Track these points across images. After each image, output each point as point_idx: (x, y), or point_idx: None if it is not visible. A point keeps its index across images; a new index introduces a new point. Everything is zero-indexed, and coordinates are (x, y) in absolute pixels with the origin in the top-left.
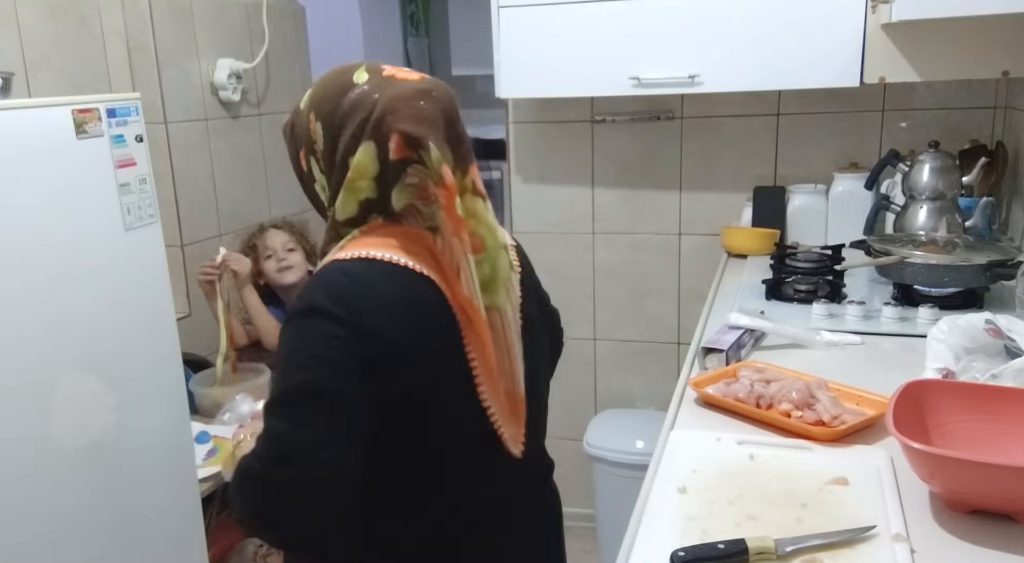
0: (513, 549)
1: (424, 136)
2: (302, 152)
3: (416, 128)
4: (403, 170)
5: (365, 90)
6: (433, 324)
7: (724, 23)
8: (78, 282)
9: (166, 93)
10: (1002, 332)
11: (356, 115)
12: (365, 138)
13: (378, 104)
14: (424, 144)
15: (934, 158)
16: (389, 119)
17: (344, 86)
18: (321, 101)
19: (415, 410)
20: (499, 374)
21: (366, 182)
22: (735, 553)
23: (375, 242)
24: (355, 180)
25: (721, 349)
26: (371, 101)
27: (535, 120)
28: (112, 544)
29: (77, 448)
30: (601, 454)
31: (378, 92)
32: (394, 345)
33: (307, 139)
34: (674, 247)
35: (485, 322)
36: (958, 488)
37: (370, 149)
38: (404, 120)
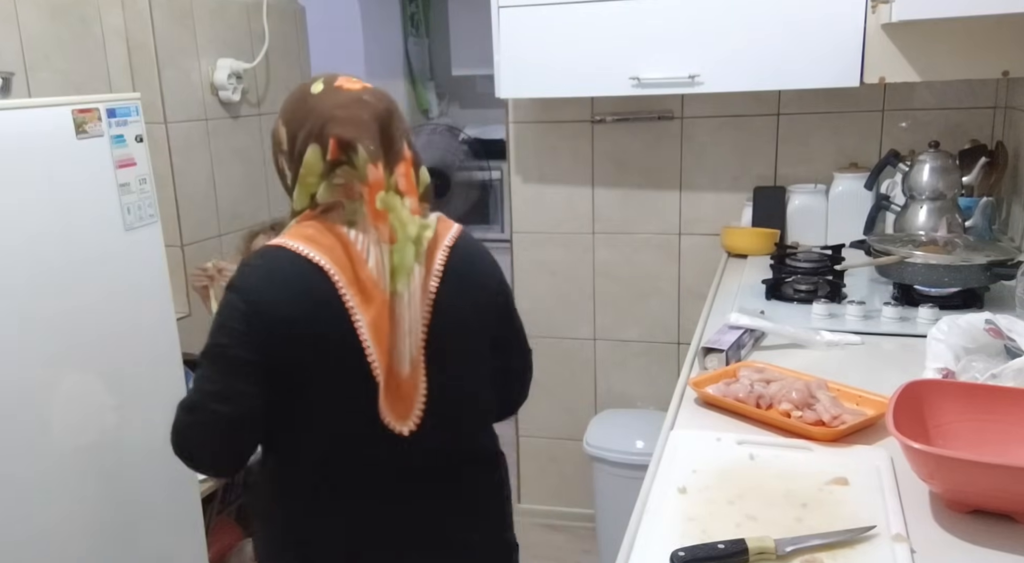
0: (397, 519)
1: (354, 140)
2: (275, 153)
3: (348, 132)
4: (334, 170)
5: (316, 98)
6: (321, 306)
7: (724, 23)
8: (78, 282)
9: (166, 93)
10: (1002, 332)
11: (308, 121)
12: (312, 141)
13: (323, 112)
14: (354, 147)
15: (934, 158)
16: (329, 125)
17: (303, 96)
18: (285, 110)
19: (303, 378)
20: (393, 355)
21: (314, 178)
22: (735, 553)
23: (295, 232)
24: (305, 176)
25: (721, 349)
26: (319, 109)
27: (535, 120)
28: (112, 544)
29: (77, 448)
30: (601, 454)
31: (325, 101)
32: (285, 321)
33: (278, 142)
34: (674, 247)
35: (387, 304)
36: (958, 488)
37: (316, 150)
38: (340, 125)
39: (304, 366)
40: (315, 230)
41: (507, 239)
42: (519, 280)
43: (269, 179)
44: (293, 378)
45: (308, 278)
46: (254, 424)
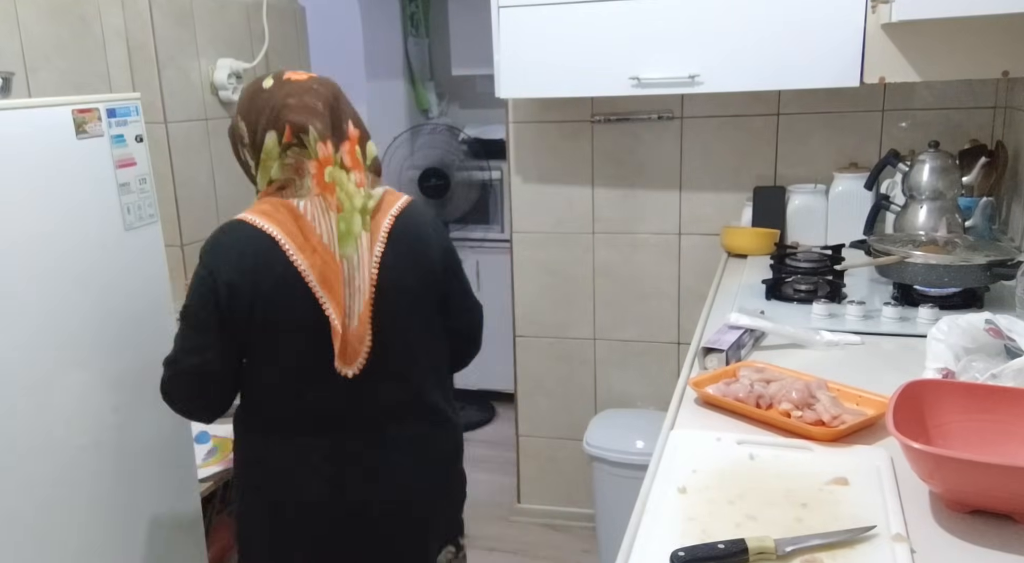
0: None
1: (305, 123)
2: (238, 146)
3: (300, 117)
4: (286, 152)
5: (269, 92)
6: (272, 269)
7: (724, 23)
8: (78, 282)
9: (166, 93)
10: (1002, 332)
11: (264, 112)
12: (269, 128)
13: (276, 102)
14: (305, 129)
15: (934, 158)
16: (283, 112)
17: (256, 91)
18: (241, 106)
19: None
20: (343, 310)
21: (272, 162)
22: (735, 553)
23: (253, 208)
24: (265, 161)
25: (721, 349)
26: (272, 101)
27: (535, 120)
28: (112, 544)
29: (77, 448)
30: (601, 454)
31: (276, 93)
32: (241, 285)
33: (238, 135)
34: (674, 247)
35: (339, 266)
36: (958, 488)
37: (273, 136)
38: (293, 112)
39: (263, 322)
40: (270, 205)
41: (507, 239)
42: (519, 280)
43: None
44: (253, 333)
45: (262, 246)
46: (223, 375)
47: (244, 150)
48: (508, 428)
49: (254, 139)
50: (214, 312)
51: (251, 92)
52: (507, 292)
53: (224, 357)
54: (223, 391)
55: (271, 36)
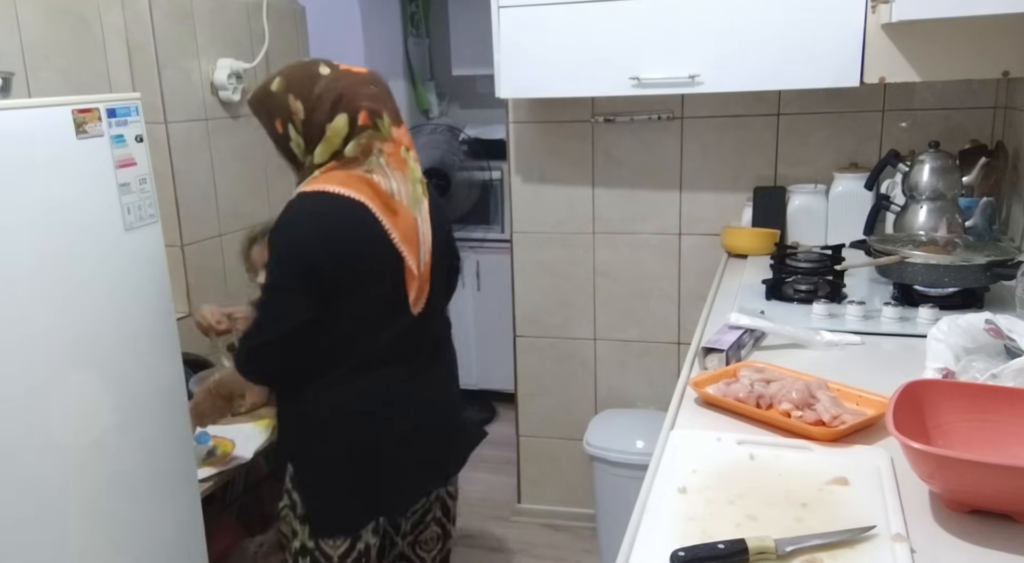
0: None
1: (380, 110)
2: (278, 121)
3: (375, 106)
4: (361, 133)
5: (331, 78)
6: (361, 232)
7: (724, 23)
8: (78, 282)
9: (166, 93)
10: (1002, 332)
11: (328, 96)
12: (340, 111)
13: (344, 89)
14: (380, 116)
15: (934, 158)
16: (356, 100)
17: (314, 76)
18: (298, 86)
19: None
20: (416, 259)
21: (339, 140)
22: (735, 553)
23: (325, 179)
24: (331, 138)
25: (721, 349)
26: (338, 87)
27: (535, 120)
28: (112, 544)
29: (77, 448)
30: (601, 454)
31: (341, 81)
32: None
33: (286, 111)
34: (674, 247)
35: (415, 225)
36: (958, 488)
37: (344, 118)
38: (367, 100)
39: (351, 278)
40: (345, 176)
41: (507, 239)
42: (519, 280)
43: (269, 179)
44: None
45: (351, 211)
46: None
47: (291, 126)
48: (508, 428)
49: (311, 117)
50: (305, 278)
51: (306, 75)
52: (507, 292)
53: (308, 319)
54: (302, 354)
55: (271, 36)
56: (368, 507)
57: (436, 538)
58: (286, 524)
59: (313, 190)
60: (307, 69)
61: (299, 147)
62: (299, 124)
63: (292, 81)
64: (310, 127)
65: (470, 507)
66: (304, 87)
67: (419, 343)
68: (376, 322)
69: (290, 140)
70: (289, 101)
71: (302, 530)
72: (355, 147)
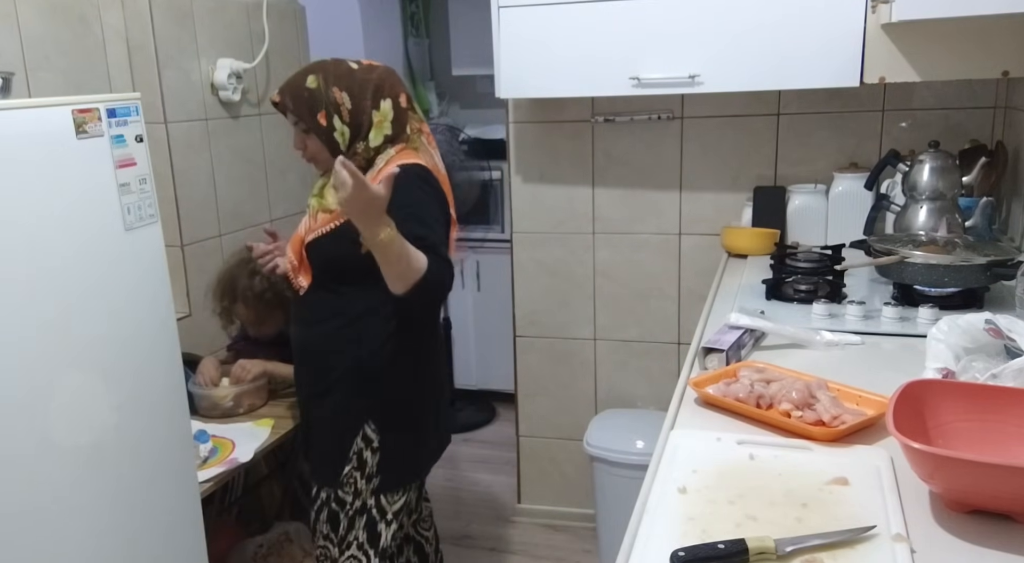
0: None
1: (411, 96)
2: (321, 113)
3: (407, 90)
4: (407, 114)
5: (364, 70)
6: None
7: (724, 23)
8: (78, 282)
9: (166, 93)
10: (1002, 332)
11: (369, 86)
12: (384, 97)
13: (379, 79)
14: (412, 100)
15: (934, 158)
16: (393, 87)
17: (349, 71)
18: (339, 80)
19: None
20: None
21: (388, 123)
22: (735, 553)
23: (407, 156)
24: (382, 122)
25: (721, 349)
26: (374, 78)
27: (535, 120)
28: (112, 544)
29: (77, 448)
30: (601, 454)
31: (372, 73)
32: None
33: (332, 103)
34: (674, 247)
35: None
36: (958, 488)
37: (388, 103)
38: (401, 87)
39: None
40: (415, 154)
41: (507, 239)
42: (519, 280)
43: (269, 179)
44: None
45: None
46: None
47: (335, 117)
48: (508, 428)
49: (360, 104)
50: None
51: (344, 71)
52: (507, 292)
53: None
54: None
55: (271, 36)
56: (426, 455)
57: (430, 515)
58: (347, 488)
59: (409, 163)
60: (340, 65)
61: (343, 136)
62: (346, 114)
63: (331, 76)
64: (358, 115)
65: (470, 507)
66: (344, 80)
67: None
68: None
69: (335, 130)
70: (335, 94)
71: (367, 489)
72: (407, 126)
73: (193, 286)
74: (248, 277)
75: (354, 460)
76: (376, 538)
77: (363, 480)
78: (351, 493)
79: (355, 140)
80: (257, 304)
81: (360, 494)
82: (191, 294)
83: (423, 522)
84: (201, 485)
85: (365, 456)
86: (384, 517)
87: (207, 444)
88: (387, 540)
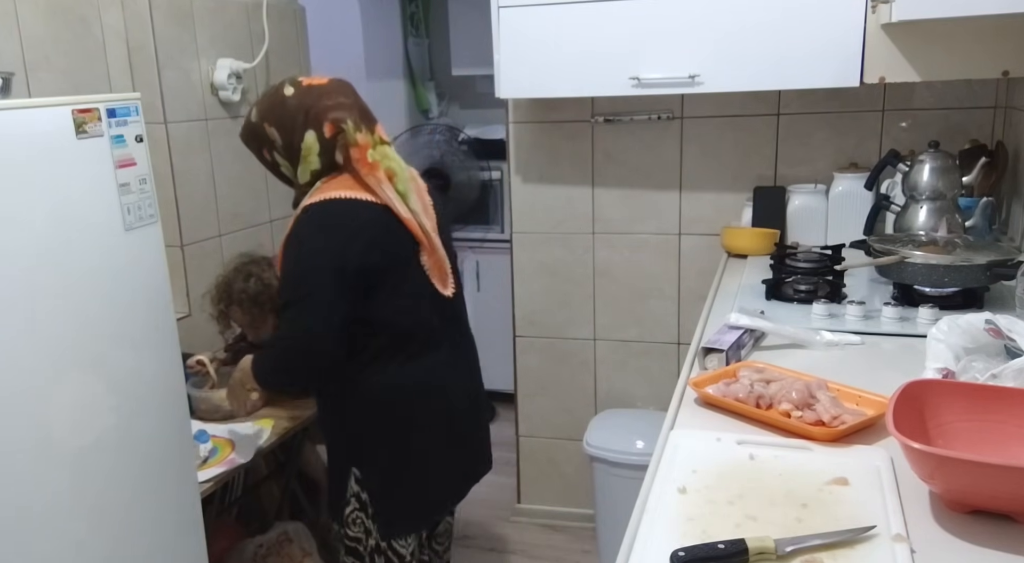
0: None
1: (343, 118)
2: (264, 149)
3: (337, 114)
4: (335, 142)
5: (296, 97)
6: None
7: (724, 23)
8: (78, 282)
9: (166, 93)
10: (1002, 332)
11: (298, 116)
12: (307, 128)
13: (308, 105)
14: (344, 123)
15: (934, 158)
16: (321, 113)
17: (281, 100)
18: (269, 113)
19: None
20: (430, 247)
21: (313, 156)
22: (735, 553)
23: (337, 186)
24: (307, 156)
25: (721, 349)
26: (303, 104)
27: (535, 120)
28: (112, 544)
29: (77, 448)
30: (601, 454)
31: (305, 98)
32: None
33: (267, 140)
34: (674, 247)
35: (411, 217)
36: (958, 488)
37: (312, 135)
38: (330, 111)
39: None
40: (345, 184)
41: (507, 239)
42: (519, 280)
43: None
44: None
45: (360, 211)
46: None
47: (274, 153)
48: (508, 428)
49: (290, 140)
50: (340, 279)
51: (274, 101)
52: (507, 292)
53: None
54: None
55: (271, 36)
56: (431, 503)
57: (447, 531)
58: (356, 526)
59: (319, 200)
60: (275, 94)
61: (289, 170)
62: (280, 149)
63: (264, 109)
64: (290, 152)
65: (470, 507)
66: (274, 113)
67: (456, 326)
68: (416, 305)
69: (280, 166)
70: (266, 130)
71: (375, 529)
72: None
73: (193, 286)
74: (243, 280)
75: (354, 501)
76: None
77: (369, 520)
78: (362, 532)
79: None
80: (252, 307)
81: (371, 533)
82: (191, 294)
83: (438, 537)
84: (201, 485)
85: (363, 498)
86: (401, 558)
87: (207, 444)
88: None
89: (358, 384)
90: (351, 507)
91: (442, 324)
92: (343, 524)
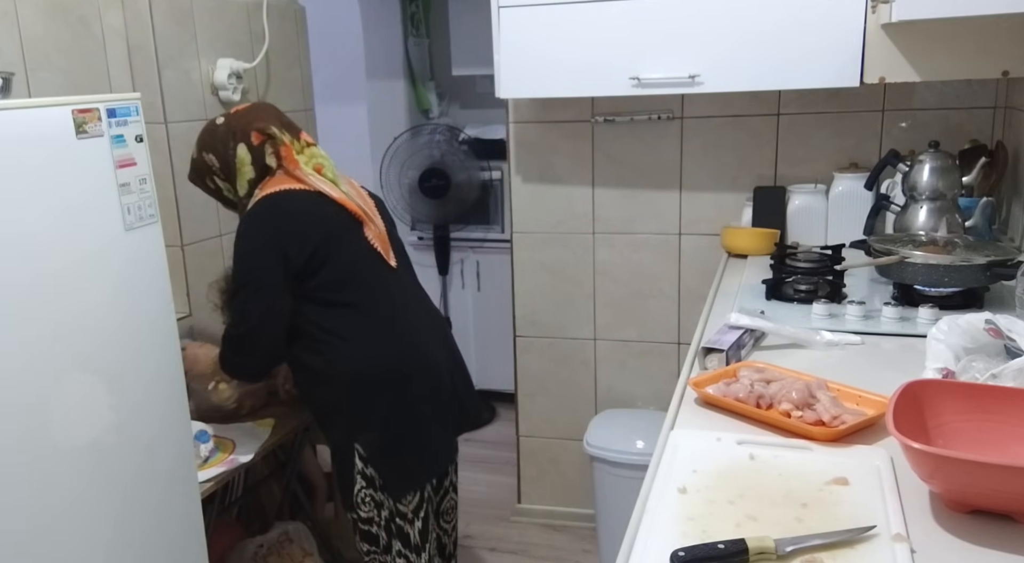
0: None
1: (267, 126)
2: (207, 179)
3: (261, 124)
4: (264, 149)
5: (225, 124)
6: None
7: (724, 23)
8: (78, 282)
9: (166, 93)
10: (1002, 332)
11: (228, 138)
12: (237, 142)
13: (235, 126)
14: (269, 129)
15: (934, 158)
16: (247, 128)
17: (213, 129)
18: (205, 143)
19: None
20: (369, 220)
21: (247, 167)
22: (735, 553)
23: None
24: (242, 168)
25: (721, 349)
26: (232, 127)
27: (535, 120)
28: (112, 544)
29: (77, 448)
30: (601, 454)
31: (232, 122)
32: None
33: (207, 168)
34: (674, 247)
35: (344, 196)
36: (958, 488)
37: (243, 147)
38: (255, 122)
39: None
40: (276, 182)
41: (507, 239)
42: (519, 280)
43: None
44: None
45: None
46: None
47: (215, 178)
48: (508, 428)
49: (225, 160)
50: (284, 264)
51: (208, 132)
52: (507, 292)
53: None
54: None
55: (271, 36)
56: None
57: (453, 507)
58: (367, 505)
59: (271, 193)
60: (208, 127)
61: (231, 191)
62: (220, 173)
63: (201, 141)
64: (228, 171)
65: (470, 507)
66: (210, 141)
67: (409, 299)
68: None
69: (223, 191)
70: (205, 158)
71: (385, 497)
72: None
73: (193, 286)
74: None
75: (360, 480)
76: (406, 538)
77: (379, 493)
78: (373, 509)
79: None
80: None
81: (382, 507)
82: (191, 294)
83: (445, 515)
84: (201, 485)
85: (369, 473)
86: (406, 518)
87: (207, 444)
88: (416, 537)
89: (338, 366)
90: (359, 486)
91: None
92: (355, 507)
